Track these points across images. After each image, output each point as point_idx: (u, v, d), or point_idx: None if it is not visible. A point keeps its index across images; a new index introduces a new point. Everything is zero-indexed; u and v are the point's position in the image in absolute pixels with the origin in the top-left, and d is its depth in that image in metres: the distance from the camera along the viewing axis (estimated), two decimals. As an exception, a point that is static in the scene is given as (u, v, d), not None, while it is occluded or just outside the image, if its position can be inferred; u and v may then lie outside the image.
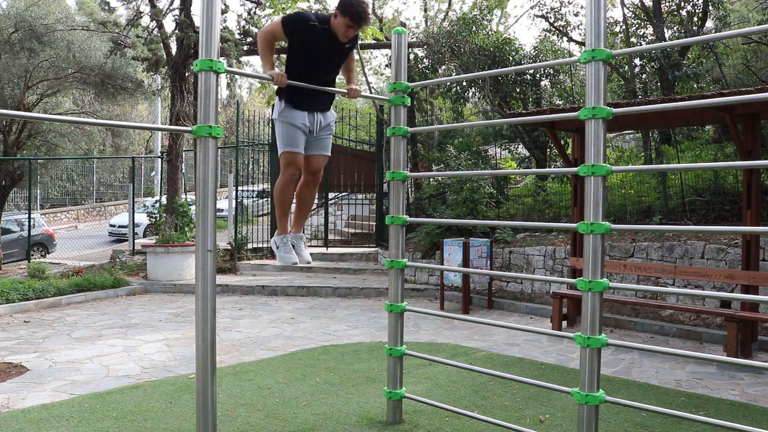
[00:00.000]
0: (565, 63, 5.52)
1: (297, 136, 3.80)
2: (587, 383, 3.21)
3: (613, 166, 3.20)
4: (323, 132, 3.97)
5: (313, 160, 3.99)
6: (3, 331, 7.34)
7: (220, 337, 6.84)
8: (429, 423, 4.20)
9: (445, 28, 13.40)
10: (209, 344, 3.30)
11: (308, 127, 3.84)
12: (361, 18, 3.67)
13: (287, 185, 3.87)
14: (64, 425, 4.16)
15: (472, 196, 10.32)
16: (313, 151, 3.96)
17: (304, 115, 3.82)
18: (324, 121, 3.95)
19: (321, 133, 3.96)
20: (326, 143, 4.03)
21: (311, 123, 3.86)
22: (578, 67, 12.91)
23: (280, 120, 3.83)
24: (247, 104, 33.69)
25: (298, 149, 3.81)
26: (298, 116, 3.80)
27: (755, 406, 4.68)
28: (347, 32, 3.72)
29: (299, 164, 3.84)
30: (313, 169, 4.02)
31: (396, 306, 4.19)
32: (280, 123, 3.83)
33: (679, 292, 3.33)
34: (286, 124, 3.79)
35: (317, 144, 3.97)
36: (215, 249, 3.34)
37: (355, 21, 3.67)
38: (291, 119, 3.78)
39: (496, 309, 8.88)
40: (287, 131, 3.79)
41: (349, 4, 3.64)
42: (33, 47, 12.08)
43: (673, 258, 7.61)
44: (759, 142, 6.11)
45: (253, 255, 12.69)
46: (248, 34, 13.58)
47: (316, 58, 3.79)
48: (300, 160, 3.84)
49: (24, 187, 15.61)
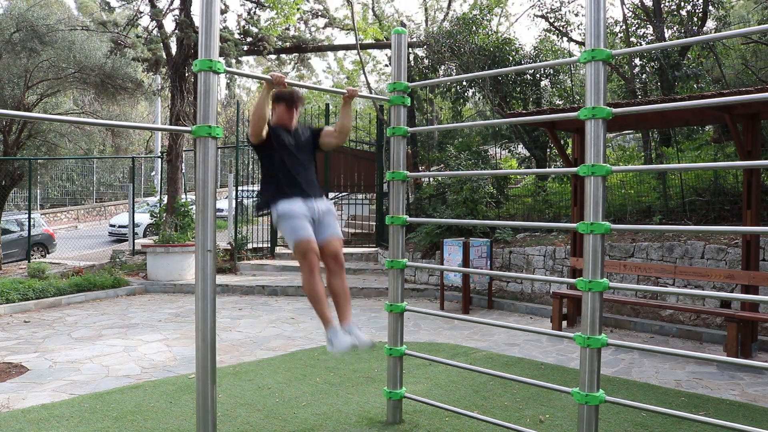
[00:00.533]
0: (565, 63, 5.52)
1: (302, 223, 3.66)
2: (587, 383, 3.21)
3: (613, 166, 3.20)
4: (326, 216, 3.84)
5: (327, 244, 3.83)
6: (3, 331, 7.34)
7: (220, 337, 6.84)
8: (429, 423, 4.20)
9: (445, 28, 13.40)
10: (209, 344, 3.30)
11: (309, 213, 3.72)
12: (294, 96, 3.85)
13: (311, 276, 3.65)
14: (64, 425, 4.16)
15: (472, 196, 10.32)
16: (322, 236, 3.81)
17: (301, 203, 3.72)
18: (323, 206, 3.84)
19: (324, 218, 3.82)
20: (334, 225, 3.89)
21: (310, 210, 3.74)
22: (578, 67, 12.91)
23: (279, 220, 3.73)
24: (248, 104, 33.69)
25: (308, 234, 3.65)
26: (296, 206, 3.69)
27: (755, 406, 4.68)
28: (291, 116, 3.87)
29: (315, 249, 3.66)
30: (331, 253, 3.84)
31: (396, 306, 4.19)
32: (281, 222, 3.72)
33: (679, 292, 3.33)
34: (287, 218, 3.68)
35: (325, 228, 3.83)
36: (215, 249, 3.34)
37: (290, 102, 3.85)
38: (289, 212, 3.67)
39: (496, 309, 8.88)
40: (290, 223, 3.66)
41: (278, 95, 3.85)
42: (34, 47, 12.09)
43: (673, 258, 7.61)
44: (759, 142, 6.11)
45: (253, 255, 12.69)
46: (248, 34, 13.59)
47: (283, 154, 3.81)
48: (313, 245, 3.65)
49: (24, 187, 15.62)
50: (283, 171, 3.78)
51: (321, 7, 15.06)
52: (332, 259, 3.86)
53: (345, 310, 3.84)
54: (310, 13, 15.02)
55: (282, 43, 14.02)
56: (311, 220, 3.74)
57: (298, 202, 3.72)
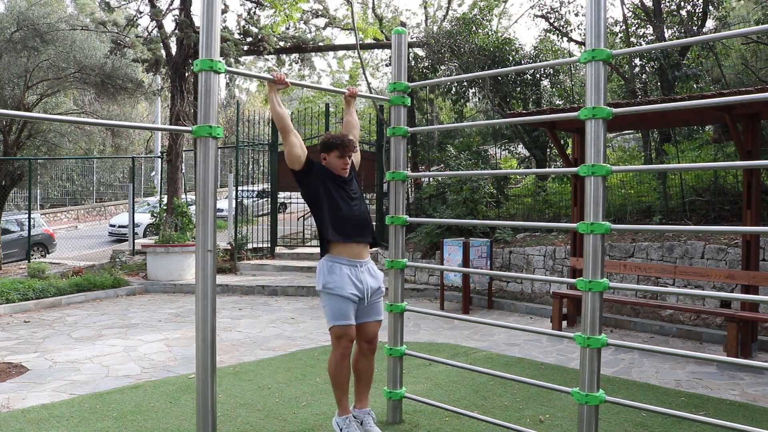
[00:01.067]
0: (565, 63, 5.52)
1: (346, 308, 3.53)
2: (587, 383, 3.21)
3: (613, 166, 3.20)
4: (375, 297, 3.71)
5: (367, 328, 3.71)
6: (3, 331, 7.34)
7: (220, 337, 6.84)
8: (429, 423, 4.19)
9: (445, 28, 13.40)
10: (209, 344, 3.31)
11: (358, 295, 3.59)
12: (346, 143, 3.67)
13: (341, 361, 3.55)
14: (64, 425, 4.16)
15: (472, 196, 10.32)
16: (365, 318, 3.68)
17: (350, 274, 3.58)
18: (374, 281, 3.71)
19: (372, 299, 3.70)
20: (379, 308, 3.77)
21: (362, 290, 3.60)
22: (578, 67, 12.91)
23: (325, 292, 3.57)
24: (247, 104, 33.70)
25: (350, 321, 3.54)
26: (346, 286, 3.54)
27: (755, 406, 4.68)
28: (344, 164, 3.69)
29: (352, 336, 3.57)
30: (368, 337, 3.74)
31: (396, 306, 4.19)
32: (326, 295, 3.57)
33: (679, 292, 3.33)
34: (334, 296, 3.53)
35: (369, 311, 3.70)
36: (215, 249, 3.34)
37: (342, 148, 3.67)
38: (338, 290, 3.52)
39: (496, 309, 8.88)
40: (335, 303, 3.53)
41: (330, 143, 3.69)
42: (35, 46, 12.08)
43: (673, 258, 7.61)
44: (759, 142, 6.11)
45: (253, 255, 12.69)
46: (248, 34, 13.58)
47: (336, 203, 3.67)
48: (352, 332, 3.56)
49: (24, 187, 15.62)
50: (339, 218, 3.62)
51: (321, 7, 15.06)
52: (366, 343, 3.77)
53: (364, 393, 3.83)
54: (310, 13, 15.02)
55: (282, 43, 14.02)
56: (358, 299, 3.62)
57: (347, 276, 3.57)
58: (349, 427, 3.64)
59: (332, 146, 3.68)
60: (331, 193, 3.65)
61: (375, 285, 3.71)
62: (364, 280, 3.63)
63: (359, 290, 3.60)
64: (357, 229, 3.65)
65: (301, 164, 3.64)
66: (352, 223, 3.64)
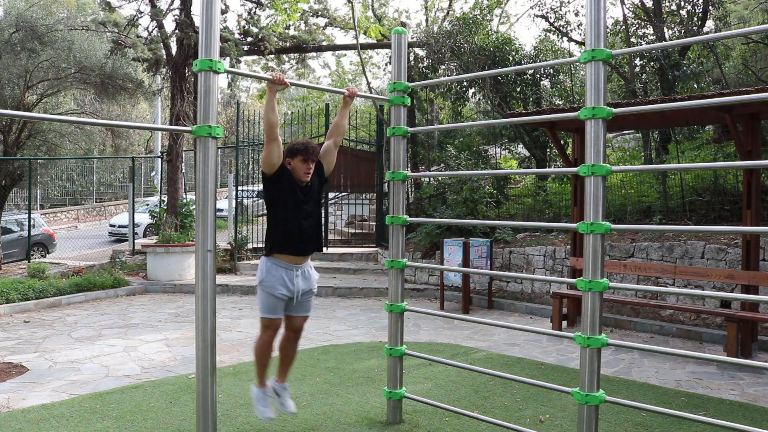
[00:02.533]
0: (565, 63, 5.52)
1: (277, 305, 3.89)
2: (587, 383, 3.21)
3: (613, 166, 3.20)
4: (304, 297, 4.02)
5: (294, 320, 4.08)
6: (3, 331, 7.34)
7: (220, 337, 6.84)
8: (429, 423, 4.20)
9: (445, 28, 13.40)
10: (209, 344, 3.31)
11: (288, 295, 3.90)
12: (309, 148, 3.84)
13: (265, 345, 3.96)
14: (64, 425, 4.16)
15: (472, 196, 10.32)
16: (293, 312, 4.04)
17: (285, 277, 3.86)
18: (306, 283, 3.99)
19: (302, 298, 4.01)
20: (308, 305, 4.11)
21: (291, 291, 3.90)
22: (578, 67, 12.91)
23: (260, 287, 3.90)
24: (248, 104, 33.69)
25: (278, 315, 3.92)
26: (278, 286, 3.84)
27: (755, 406, 4.68)
28: (307, 169, 3.85)
29: (278, 327, 3.96)
30: (294, 328, 4.11)
31: (396, 306, 4.19)
32: (261, 290, 3.91)
33: (679, 292, 3.33)
34: (266, 293, 3.87)
35: (299, 306, 4.03)
36: (215, 249, 3.34)
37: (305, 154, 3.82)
38: (271, 289, 3.85)
39: (496, 309, 8.88)
40: (267, 300, 3.88)
41: (295, 148, 3.84)
42: (34, 47, 12.08)
43: (673, 258, 7.61)
44: (759, 142, 6.10)
45: (253, 255, 12.69)
46: (248, 34, 13.59)
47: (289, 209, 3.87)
48: (278, 323, 3.95)
49: (24, 187, 15.61)
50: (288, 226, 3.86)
51: (321, 7, 15.06)
52: (293, 332, 4.13)
53: (285, 372, 4.18)
54: (310, 13, 15.03)
55: (282, 43, 14.02)
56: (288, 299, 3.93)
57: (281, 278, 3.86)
58: (263, 399, 4.01)
59: (297, 152, 3.84)
60: (288, 205, 3.86)
61: (306, 287, 4.00)
62: (296, 283, 3.93)
63: (290, 291, 3.91)
64: (302, 245, 3.92)
65: (274, 170, 3.85)
66: (302, 239, 3.90)
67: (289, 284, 3.90)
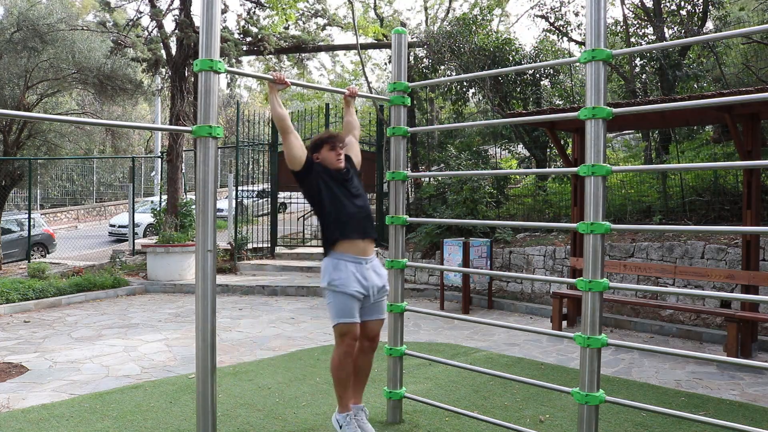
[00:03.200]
0: (565, 63, 5.52)
1: (351, 305, 3.51)
2: (587, 383, 3.20)
3: (613, 166, 3.20)
4: (379, 295, 3.71)
5: (370, 326, 3.72)
6: (3, 331, 7.34)
7: (220, 337, 6.84)
8: (429, 423, 4.19)
9: (445, 28, 13.40)
10: (209, 344, 3.30)
11: (363, 293, 3.57)
12: (333, 136, 3.72)
13: (345, 358, 3.53)
14: (64, 425, 4.16)
15: (472, 196, 10.32)
16: (368, 316, 3.69)
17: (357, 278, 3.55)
18: (380, 279, 3.69)
19: (377, 297, 3.69)
20: (383, 306, 3.79)
21: (365, 288, 3.58)
22: (578, 67, 12.91)
23: (331, 289, 3.54)
24: (248, 104, 33.69)
25: (354, 319, 3.52)
26: (351, 283, 3.52)
27: (755, 406, 4.68)
28: (337, 156, 3.69)
29: (356, 335, 3.54)
30: (370, 335, 3.75)
31: (396, 306, 4.19)
32: (331, 293, 3.54)
33: (679, 292, 3.33)
34: (338, 293, 3.52)
35: (374, 309, 3.70)
36: (215, 249, 3.34)
37: (332, 141, 3.69)
38: (343, 287, 3.50)
39: (496, 309, 8.88)
40: (340, 301, 3.51)
41: (318, 140, 3.73)
42: (35, 46, 12.08)
43: (673, 258, 7.61)
44: (759, 142, 6.11)
45: (253, 255, 12.69)
46: (248, 33, 13.58)
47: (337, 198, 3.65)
48: (357, 330, 3.54)
49: (24, 187, 15.61)
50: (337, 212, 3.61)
51: (321, 7, 15.06)
52: (368, 341, 3.77)
53: (360, 390, 3.85)
54: (310, 13, 15.03)
55: (282, 43, 14.02)
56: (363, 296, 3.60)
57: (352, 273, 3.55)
58: (349, 425, 3.63)
59: (321, 143, 3.71)
60: (333, 189, 3.64)
61: (380, 283, 3.69)
62: (370, 278, 3.61)
63: (364, 288, 3.57)
64: (360, 226, 3.63)
65: (301, 164, 3.65)
66: (355, 219, 3.62)
67: (362, 279, 3.55)
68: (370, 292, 3.61)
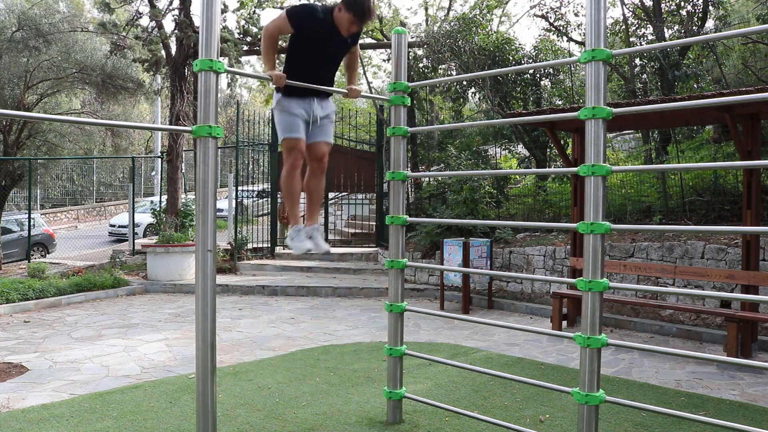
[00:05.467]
0: (565, 63, 5.53)
1: (296, 122, 3.79)
2: (587, 383, 3.21)
3: (613, 166, 3.20)
4: (324, 120, 3.95)
5: (316, 147, 3.96)
6: (3, 331, 7.34)
7: (220, 337, 6.84)
8: (429, 423, 4.20)
9: (445, 28, 13.40)
10: (209, 344, 3.31)
11: (306, 116, 3.83)
12: (365, 15, 3.71)
13: (292, 171, 3.82)
14: (64, 425, 4.16)
15: (472, 196, 10.32)
16: (314, 138, 3.94)
17: (302, 103, 3.82)
18: (323, 110, 3.93)
19: (321, 122, 3.94)
20: (328, 130, 4.01)
21: (309, 113, 3.85)
22: (578, 67, 12.91)
23: (278, 109, 3.84)
24: (248, 104, 33.68)
25: (299, 134, 3.80)
26: (296, 104, 3.80)
27: (755, 406, 4.68)
28: (350, 27, 3.76)
29: (301, 149, 3.81)
30: (317, 156, 3.98)
31: (396, 306, 4.19)
32: (278, 112, 3.84)
33: (679, 292, 3.33)
34: (285, 112, 3.80)
35: (318, 131, 3.95)
36: (215, 249, 3.34)
37: (359, 17, 3.70)
38: (288, 108, 3.79)
39: (496, 309, 8.88)
40: (285, 119, 3.80)
41: (354, 1, 3.66)
42: (37, 45, 12.07)
43: (673, 258, 7.61)
44: (759, 142, 6.11)
45: (253, 255, 12.69)
46: (247, 33, 13.58)
47: (318, 50, 3.80)
48: (301, 145, 3.81)
49: (24, 187, 15.61)
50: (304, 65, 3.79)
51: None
52: (316, 162, 4.00)
53: (314, 211, 4.07)
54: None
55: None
56: (307, 120, 3.85)
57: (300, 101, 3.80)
58: (298, 235, 3.91)
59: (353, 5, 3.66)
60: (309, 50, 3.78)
61: (323, 111, 3.94)
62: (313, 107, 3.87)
63: (308, 111, 3.84)
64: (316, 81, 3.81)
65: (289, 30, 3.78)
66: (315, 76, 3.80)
67: (305, 105, 3.82)
68: (312, 116, 3.87)
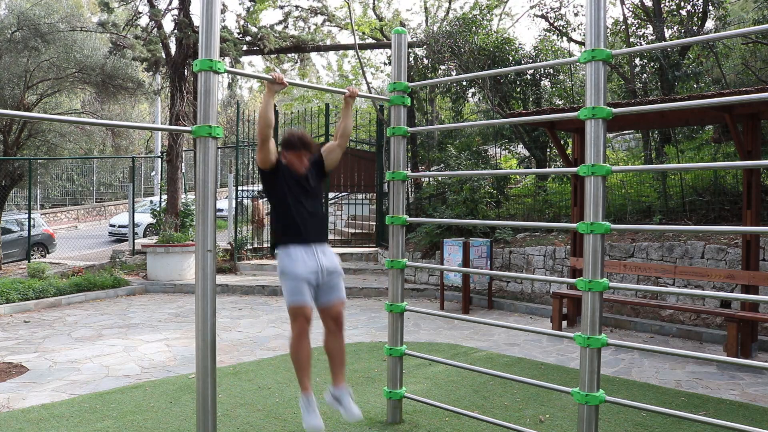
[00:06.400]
0: (565, 63, 5.52)
1: (300, 287, 3.63)
2: (587, 383, 3.21)
3: (613, 166, 3.20)
4: (331, 277, 3.79)
5: (329, 307, 3.81)
6: (3, 331, 7.34)
7: (220, 337, 6.84)
8: (429, 423, 4.20)
9: (445, 28, 13.40)
10: (209, 344, 3.31)
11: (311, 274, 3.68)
12: (303, 144, 3.78)
13: (299, 339, 3.65)
14: (64, 425, 4.16)
15: (472, 196, 10.32)
16: (326, 297, 3.79)
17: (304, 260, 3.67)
18: (329, 264, 3.78)
19: (330, 279, 3.78)
20: (339, 286, 3.85)
21: (316, 274, 3.69)
22: (578, 67, 12.90)
23: (281, 276, 3.72)
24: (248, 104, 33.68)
25: (304, 300, 3.63)
26: (298, 265, 3.65)
27: (755, 406, 4.68)
28: (303, 162, 3.80)
29: (307, 315, 3.64)
30: (332, 315, 3.83)
31: (396, 306, 4.19)
32: (281, 277, 3.71)
33: (679, 292, 3.33)
34: (289, 277, 3.65)
35: (329, 290, 3.79)
36: (215, 249, 3.34)
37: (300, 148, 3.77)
38: (291, 273, 3.64)
39: (496, 309, 8.88)
40: (291, 285, 3.64)
41: (287, 142, 3.79)
42: (36, 45, 12.07)
43: (673, 258, 7.61)
44: (759, 142, 6.11)
45: (253, 255, 12.69)
46: (247, 33, 13.58)
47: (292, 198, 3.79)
48: (307, 312, 3.64)
49: (24, 187, 15.62)
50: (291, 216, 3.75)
51: (320, 5, 15.05)
52: (333, 321, 3.84)
53: (339, 372, 3.88)
54: (309, 11, 15.02)
55: (281, 43, 14.01)
56: (314, 281, 3.70)
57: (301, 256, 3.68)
58: (308, 407, 3.66)
59: (291, 145, 3.79)
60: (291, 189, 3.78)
61: (329, 264, 3.79)
62: (318, 259, 3.73)
63: (313, 270, 3.68)
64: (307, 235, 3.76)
65: (272, 166, 3.79)
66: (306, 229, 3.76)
67: (309, 261, 3.67)
68: (320, 275, 3.72)
